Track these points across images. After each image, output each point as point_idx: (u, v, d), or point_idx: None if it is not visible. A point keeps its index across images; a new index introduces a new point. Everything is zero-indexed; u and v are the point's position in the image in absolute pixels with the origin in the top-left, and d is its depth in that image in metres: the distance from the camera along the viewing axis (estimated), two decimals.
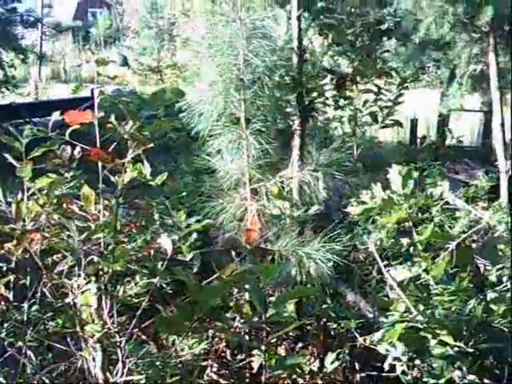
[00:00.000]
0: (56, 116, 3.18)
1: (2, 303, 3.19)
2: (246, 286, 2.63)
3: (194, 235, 3.53)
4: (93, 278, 2.98)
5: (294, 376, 2.90)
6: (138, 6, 28.94)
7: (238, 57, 4.01)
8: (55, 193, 3.02)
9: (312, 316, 4.45)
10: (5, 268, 3.31)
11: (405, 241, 3.96)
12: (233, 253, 3.13)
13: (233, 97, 4.06)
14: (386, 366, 3.40)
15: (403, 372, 3.35)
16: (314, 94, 4.66)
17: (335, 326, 4.34)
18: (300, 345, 4.37)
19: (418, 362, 3.32)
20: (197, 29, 4.77)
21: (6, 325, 3.32)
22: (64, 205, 3.02)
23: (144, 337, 3.52)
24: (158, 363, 3.26)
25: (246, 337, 3.91)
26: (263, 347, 2.83)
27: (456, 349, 3.13)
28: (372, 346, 3.67)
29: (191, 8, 17.74)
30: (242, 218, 4.16)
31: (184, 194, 4.06)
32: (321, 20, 7.18)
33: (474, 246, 3.91)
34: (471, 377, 3.12)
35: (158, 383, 3.24)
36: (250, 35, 4.03)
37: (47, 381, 3.38)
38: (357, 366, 4.18)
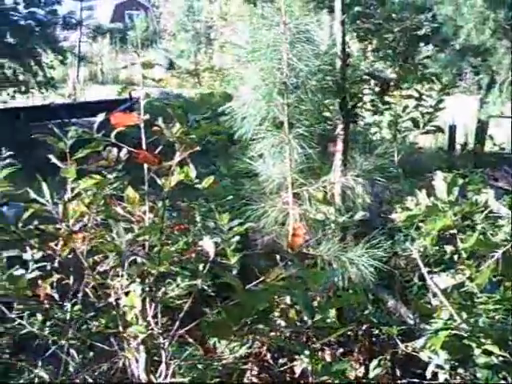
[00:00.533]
0: (101, 117, 3.20)
1: (45, 301, 3.21)
2: (293, 291, 2.62)
3: (236, 238, 3.54)
4: (137, 280, 3.00)
5: (337, 382, 2.88)
6: (175, 9, 29.14)
7: (281, 61, 4.00)
8: (102, 194, 3.04)
9: (353, 322, 4.43)
10: (48, 267, 3.33)
11: (448, 248, 3.93)
12: (277, 257, 3.12)
13: (276, 101, 4.05)
14: (428, 374, 3.37)
15: (446, 380, 3.32)
16: (364, 99, 4.65)
17: (376, 332, 4.32)
18: (341, 350, 4.35)
19: (461, 370, 3.29)
20: (238, 32, 4.77)
21: (49, 323, 3.34)
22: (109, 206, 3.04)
23: (190, 339, 3.53)
24: (200, 366, 3.26)
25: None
26: (307, 352, 2.81)
27: (501, 358, 3.09)
28: (414, 353, 3.64)
29: (229, 12, 17.78)
30: (283, 223, 4.16)
31: (230, 197, 4.05)
32: (357, 25, 7.18)
33: None
34: None
35: None
36: (293, 39, 4.02)
37: (90, 379, 3.41)
38: (398, 372, 4.15)
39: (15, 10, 13.10)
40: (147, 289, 3.00)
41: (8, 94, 13.39)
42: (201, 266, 3.23)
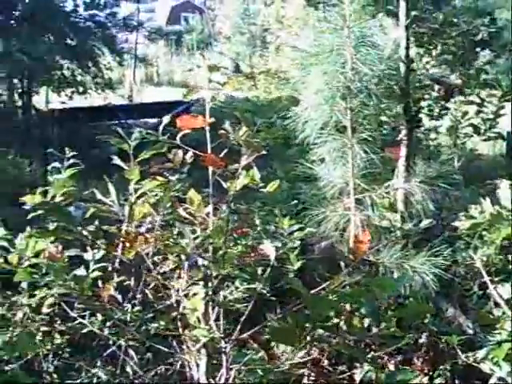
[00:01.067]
0: (166, 120, 3.20)
1: (107, 302, 3.22)
2: (359, 299, 2.59)
3: (298, 243, 3.52)
4: (200, 282, 2.99)
5: None
6: (230, 12, 29.19)
7: (345, 65, 3.97)
8: (168, 196, 3.04)
9: (412, 329, 4.36)
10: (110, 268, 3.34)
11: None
12: (342, 264, 3.09)
13: (339, 105, 4.02)
14: None
15: None
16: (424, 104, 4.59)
17: (436, 340, 4.25)
18: (399, 358, 4.28)
19: None
20: (301, 36, 4.75)
21: (108, 323, 3.36)
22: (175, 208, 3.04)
23: (255, 344, 3.52)
24: (259, 371, 3.24)
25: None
26: (370, 360, 2.78)
27: None
28: (474, 364, 3.57)
29: (285, 15, 17.75)
30: (344, 228, 4.12)
31: (294, 202, 4.04)
32: (413, 29, 7.10)
33: None
34: None
35: None
36: (358, 43, 3.99)
37: (147, 380, 3.41)
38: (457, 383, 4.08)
39: (75, 12, 13.31)
40: (210, 292, 2.99)
41: (66, 95, 13.57)
42: (259, 270, 3.21)
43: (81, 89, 13.73)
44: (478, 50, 7.61)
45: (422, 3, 7.15)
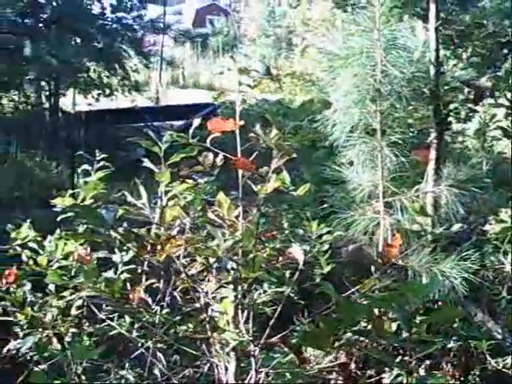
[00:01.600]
0: (197, 122, 3.19)
1: (136, 305, 3.23)
2: (391, 304, 2.57)
3: (327, 246, 3.50)
4: (230, 286, 2.99)
5: None
6: (256, 14, 29.21)
7: (375, 67, 3.96)
8: (199, 199, 3.04)
9: (440, 334, 4.32)
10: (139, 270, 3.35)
11: None
12: (372, 268, 3.06)
13: (368, 108, 4.00)
14: None
15: None
16: (451, 107, 4.56)
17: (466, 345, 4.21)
18: (428, 362, 4.24)
19: None
20: (325, 38, 4.73)
21: (136, 325, 3.36)
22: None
23: (286, 348, 3.49)
24: (287, 374, 3.23)
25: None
26: (400, 365, 2.75)
27: None
28: (504, 370, 3.54)
29: (312, 17, 17.77)
30: (373, 232, 4.10)
31: (324, 205, 4.03)
32: (440, 31, 7.06)
33: None
34: None
35: None
36: (388, 46, 3.98)
37: (176, 382, 3.41)
38: None
39: (103, 14, 13.38)
40: (240, 295, 2.99)
41: (93, 97, 13.64)
42: (287, 273, 3.20)
43: (107, 91, 13.80)
44: (505, 51, 7.53)
45: (449, 5, 7.11)
